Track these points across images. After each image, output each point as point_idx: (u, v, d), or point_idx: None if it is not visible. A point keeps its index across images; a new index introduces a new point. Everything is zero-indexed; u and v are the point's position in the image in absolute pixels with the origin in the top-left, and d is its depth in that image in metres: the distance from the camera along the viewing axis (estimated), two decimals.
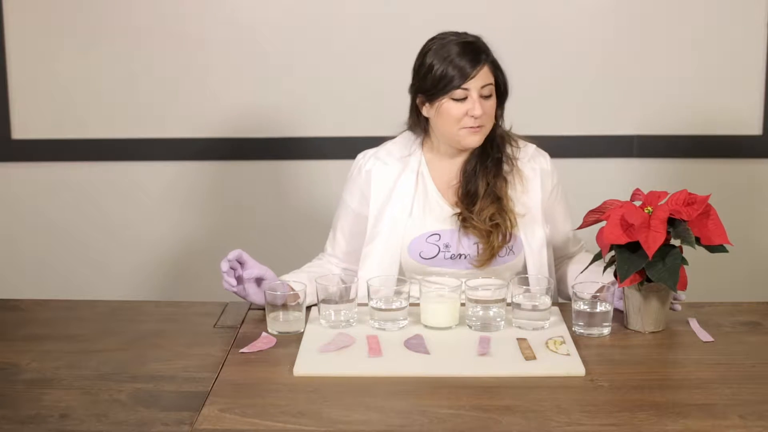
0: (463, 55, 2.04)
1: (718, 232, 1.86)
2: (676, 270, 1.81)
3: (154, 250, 3.23)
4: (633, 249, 1.82)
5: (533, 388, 1.61)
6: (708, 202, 1.86)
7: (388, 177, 2.15)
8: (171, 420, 1.51)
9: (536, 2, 3.05)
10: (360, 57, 3.07)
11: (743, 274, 3.17)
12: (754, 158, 3.14)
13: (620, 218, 1.83)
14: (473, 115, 2.04)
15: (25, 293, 2.70)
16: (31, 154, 3.17)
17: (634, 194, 1.93)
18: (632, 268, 1.81)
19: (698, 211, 1.84)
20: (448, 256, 2.10)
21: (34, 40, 3.09)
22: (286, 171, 3.16)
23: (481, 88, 2.04)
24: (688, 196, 1.87)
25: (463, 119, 2.05)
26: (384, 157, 2.18)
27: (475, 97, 2.04)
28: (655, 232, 1.79)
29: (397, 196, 2.13)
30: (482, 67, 2.05)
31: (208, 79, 3.11)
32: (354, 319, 1.91)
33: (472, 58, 2.04)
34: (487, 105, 2.06)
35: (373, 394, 1.60)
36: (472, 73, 2.03)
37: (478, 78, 2.04)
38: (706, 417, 1.51)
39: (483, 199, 2.09)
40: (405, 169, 2.15)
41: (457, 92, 2.04)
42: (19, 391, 1.64)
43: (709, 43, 3.07)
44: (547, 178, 2.17)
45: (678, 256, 1.83)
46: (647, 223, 1.81)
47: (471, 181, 2.12)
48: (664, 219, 1.81)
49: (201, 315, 2.02)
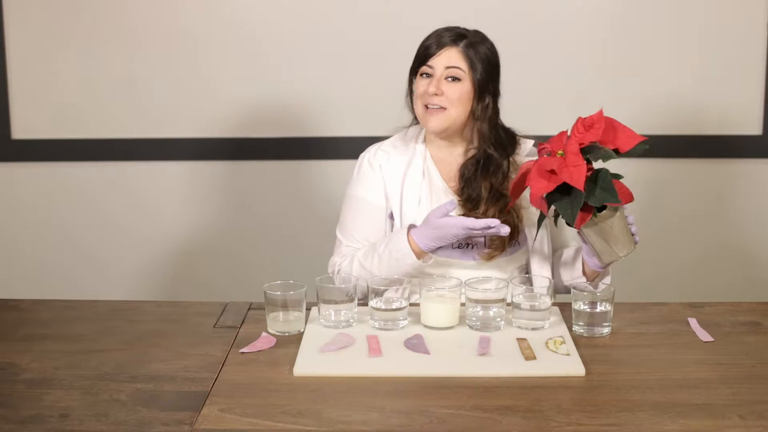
0: (440, 35, 2.11)
1: (629, 135, 1.89)
2: (610, 185, 1.84)
3: (154, 250, 3.23)
4: (565, 192, 1.85)
5: (533, 388, 1.61)
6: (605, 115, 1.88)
7: (398, 169, 2.17)
8: (171, 420, 1.51)
9: (536, 2, 3.05)
10: (360, 57, 3.07)
11: (743, 274, 3.17)
12: (754, 158, 3.14)
13: (537, 170, 1.86)
14: (428, 92, 2.08)
15: (25, 293, 2.70)
16: (31, 154, 3.16)
17: (539, 149, 1.96)
18: (574, 206, 1.83)
19: (601, 128, 1.87)
20: (457, 245, 2.10)
21: (34, 40, 3.09)
22: (287, 171, 3.16)
23: (446, 68, 2.09)
24: (584, 121, 1.89)
25: (424, 96, 2.10)
26: (390, 150, 2.21)
27: (438, 76, 2.09)
28: (575, 166, 1.82)
29: (407, 187, 2.15)
30: (450, 49, 2.10)
31: (208, 79, 3.11)
32: (354, 319, 1.91)
33: (444, 39, 2.10)
34: (452, 88, 2.09)
35: (373, 394, 1.60)
36: (437, 50, 2.09)
37: (442, 57, 2.09)
38: (706, 417, 1.51)
39: (487, 202, 2.11)
40: (411, 160, 2.18)
41: (423, 68, 2.11)
42: (19, 391, 1.64)
43: (709, 43, 3.07)
44: None
45: (606, 174, 1.85)
46: (564, 162, 1.83)
47: (472, 186, 2.13)
48: (576, 151, 1.84)
49: (201, 315, 2.02)
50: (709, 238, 3.13)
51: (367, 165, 2.21)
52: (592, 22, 3.06)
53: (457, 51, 2.10)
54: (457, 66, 2.09)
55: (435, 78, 2.10)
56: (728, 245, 3.13)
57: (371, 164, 2.20)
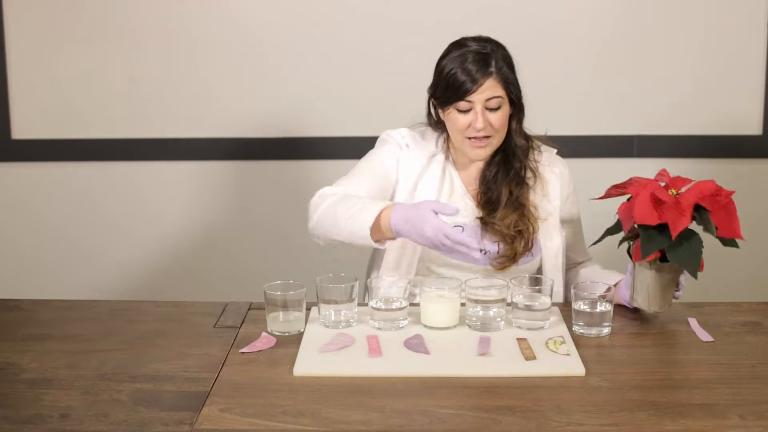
0: (469, 66, 2.03)
1: (734, 227, 1.87)
2: (698, 254, 1.82)
3: (154, 250, 3.22)
4: (658, 228, 1.83)
5: (533, 388, 1.61)
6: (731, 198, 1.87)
7: (417, 165, 2.14)
8: (171, 420, 1.51)
9: (537, 2, 3.05)
10: (361, 57, 3.07)
11: (743, 274, 3.17)
12: (754, 158, 3.14)
13: (650, 195, 1.83)
14: (475, 128, 2.04)
15: (25, 293, 2.70)
16: (31, 154, 3.16)
17: (659, 174, 1.93)
18: (655, 246, 1.82)
19: (722, 203, 1.85)
20: None
21: (34, 40, 3.09)
22: (287, 171, 3.16)
23: (486, 101, 2.03)
24: (715, 188, 1.88)
25: (467, 130, 2.06)
26: (413, 146, 2.16)
27: (479, 110, 2.03)
28: (683, 215, 1.80)
29: (424, 185, 2.13)
30: (486, 80, 2.03)
31: (208, 79, 3.11)
32: (354, 319, 1.91)
33: (477, 69, 2.03)
34: (495, 117, 2.05)
35: (373, 394, 1.60)
36: (474, 87, 2.02)
37: (482, 91, 2.03)
38: (706, 417, 1.51)
39: (505, 208, 2.09)
40: (433, 158, 2.15)
41: (461, 104, 2.04)
42: (19, 391, 1.64)
43: (709, 43, 3.07)
44: (565, 183, 2.20)
45: (699, 242, 1.84)
46: (676, 204, 1.82)
47: (492, 189, 2.12)
48: (691, 204, 1.82)
49: (201, 315, 2.02)
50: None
51: (394, 142, 2.16)
52: (592, 22, 3.06)
53: (492, 80, 2.03)
54: (497, 96, 2.04)
55: (477, 112, 2.03)
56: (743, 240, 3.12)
57: (399, 144, 2.16)
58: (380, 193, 2.12)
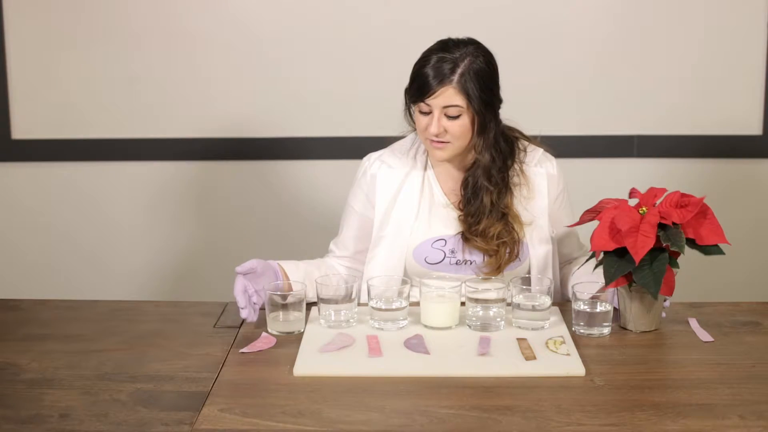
0: (428, 71, 2.00)
1: (715, 233, 1.85)
2: (661, 276, 1.80)
3: (154, 250, 3.23)
4: (621, 253, 1.82)
5: (533, 388, 1.61)
6: (704, 202, 1.85)
7: (394, 180, 2.13)
8: (171, 420, 1.51)
9: (536, 2, 3.05)
10: (360, 57, 3.07)
11: (743, 274, 3.17)
12: (754, 158, 3.14)
13: (609, 223, 1.82)
14: (430, 132, 2.01)
15: (25, 293, 2.70)
16: (31, 154, 3.17)
17: (631, 192, 1.93)
18: (618, 272, 1.81)
19: (692, 213, 1.82)
20: (454, 262, 2.09)
21: (34, 40, 3.09)
22: (286, 171, 3.16)
23: (444, 107, 2.00)
24: (681, 198, 1.85)
25: (426, 132, 2.04)
26: (389, 160, 2.16)
27: (436, 115, 2.00)
28: (645, 237, 1.78)
29: (403, 199, 2.12)
30: (443, 88, 1.98)
31: (208, 79, 3.11)
32: (354, 319, 1.91)
33: (435, 75, 1.99)
34: (452, 125, 2.01)
35: (373, 394, 1.60)
36: (429, 92, 1.99)
37: (437, 96, 1.99)
38: (706, 417, 1.51)
39: (488, 218, 2.07)
40: (411, 171, 2.14)
41: (422, 105, 2.02)
42: (19, 391, 1.64)
43: (709, 43, 3.07)
44: (553, 183, 2.15)
45: (664, 261, 1.80)
46: (636, 227, 1.79)
47: (472, 201, 2.09)
48: (654, 224, 1.79)
49: (201, 315, 2.02)
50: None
51: (361, 173, 2.18)
52: (592, 22, 3.06)
53: (452, 89, 1.98)
54: (454, 105, 2.00)
55: (434, 117, 2.01)
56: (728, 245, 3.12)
57: (365, 173, 2.17)
58: (367, 233, 2.16)
